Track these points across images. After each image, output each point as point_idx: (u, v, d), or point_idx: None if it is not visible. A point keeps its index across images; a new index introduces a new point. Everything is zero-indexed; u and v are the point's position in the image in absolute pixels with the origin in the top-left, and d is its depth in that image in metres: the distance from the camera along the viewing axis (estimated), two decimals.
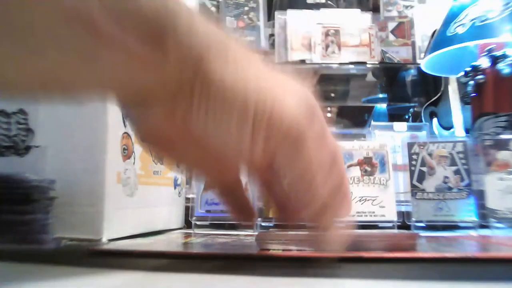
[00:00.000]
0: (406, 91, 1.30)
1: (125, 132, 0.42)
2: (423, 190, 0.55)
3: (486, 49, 0.73)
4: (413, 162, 0.57)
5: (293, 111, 0.22)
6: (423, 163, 0.56)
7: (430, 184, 0.55)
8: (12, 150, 0.39)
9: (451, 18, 0.87)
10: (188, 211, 0.58)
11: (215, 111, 0.21)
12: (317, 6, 1.39)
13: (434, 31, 0.96)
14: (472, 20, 0.81)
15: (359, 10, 1.38)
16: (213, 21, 0.22)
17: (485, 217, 0.53)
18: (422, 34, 1.34)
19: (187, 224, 0.58)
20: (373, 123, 0.70)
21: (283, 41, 1.33)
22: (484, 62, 0.71)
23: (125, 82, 0.20)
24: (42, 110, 0.40)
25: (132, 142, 0.44)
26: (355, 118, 1.24)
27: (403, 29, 1.36)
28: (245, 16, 1.37)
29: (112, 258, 0.32)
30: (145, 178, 0.47)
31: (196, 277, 0.25)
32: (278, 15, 1.36)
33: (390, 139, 0.63)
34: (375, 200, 0.54)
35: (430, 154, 0.57)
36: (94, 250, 0.33)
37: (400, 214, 0.54)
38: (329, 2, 1.42)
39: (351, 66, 1.30)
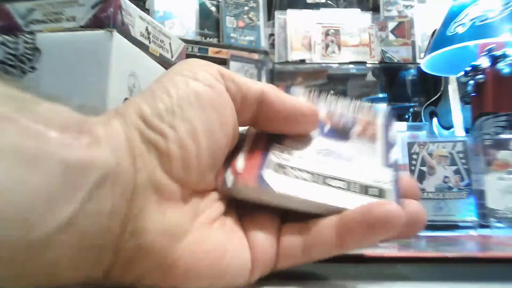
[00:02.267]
0: (406, 91, 1.31)
1: None
2: (423, 190, 0.55)
3: (486, 48, 0.73)
4: (413, 162, 0.57)
5: None
6: (423, 163, 0.56)
7: (430, 184, 0.55)
8: None
9: (451, 17, 0.87)
10: None
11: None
12: (317, 6, 1.40)
13: (434, 31, 0.96)
14: (472, 19, 0.81)
15: (359, 9, 1.38)
16: None
17: (485, 216, 0.53)
18: (422, 34, 1.34)
19: None
20: None
21: (283, 41, 1.34)
22: (484, 62, 0.71)
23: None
24: None
25: None
26: None
27: (403, 29, 1.36)
28: (245, 16, 1.37)
29: None
30: None
31: None
32: (278, 14, 1.36)
33: None
34: None
35: (430, 154, 0.57)
36: None
37: None
38: (329, 1, 1.42)
39: (351, 66, 1.30)
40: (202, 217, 0.19)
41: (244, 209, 0.21)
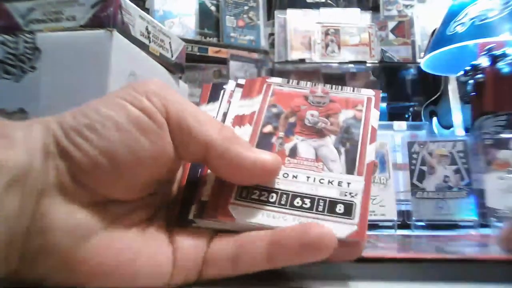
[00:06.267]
0: (406, 90, 1.30)
1: None
2: (423, 189, 0.55)
3: (485, 48, 0.73)
4: (413, 161, 0.57)
5: None
6: (423, 162, 0.56)
7: (430, 183, 0.55)
8: None
9: (450, 17, 0.87)
10: None
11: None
12: (316, 5, 1.39)
13: (434, 30, 0.96)
14: (471, 19, 0.81)
15: (358, 9, 1.38)
16: None
17: (485, 216, 0.53)
18: (422, 33, 1.34)
19: None
20: None
21: (283, 40, 1.33)
22: (483, 61, 0.71)
23: None
24: (42, 110, 0.40)
25: None
26: None
27: (403, 28, 1.36)
28: (244, 16, 1.37)
29: None
30: None
31: None
32: (278, 14, 1.36)
33: (390, 138, 0.63)
34: (375, 199, 0.54)
35: (430, 153, 0.57)
36: None
37: (400, 213, 0.54)
38: (328, 1, 1.42)
39: (351, 65, 1.30)
40: (118, 222, 0.20)
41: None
